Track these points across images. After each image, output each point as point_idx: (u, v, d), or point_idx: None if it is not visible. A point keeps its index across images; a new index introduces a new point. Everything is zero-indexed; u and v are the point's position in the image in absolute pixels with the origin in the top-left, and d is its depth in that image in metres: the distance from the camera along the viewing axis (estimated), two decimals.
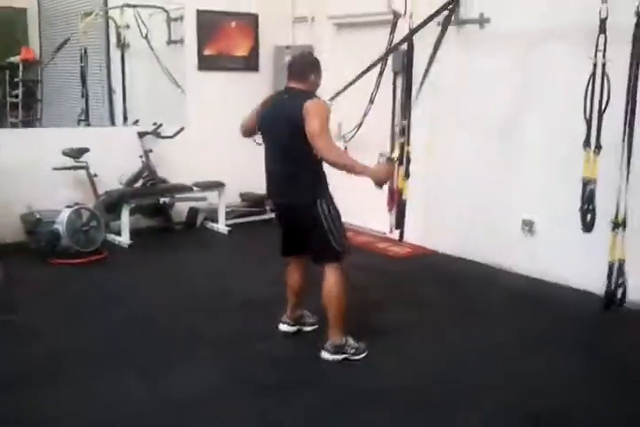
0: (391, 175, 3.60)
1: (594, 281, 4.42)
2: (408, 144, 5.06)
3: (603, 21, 3.73)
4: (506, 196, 5.04)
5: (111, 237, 5.49)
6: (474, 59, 5.12)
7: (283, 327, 3.77)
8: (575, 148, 4.07)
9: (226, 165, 6.26)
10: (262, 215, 6.55)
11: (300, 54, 3.72)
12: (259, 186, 6.56)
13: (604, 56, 3.72)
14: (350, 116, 6.13)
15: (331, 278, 3.41)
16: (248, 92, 6.51)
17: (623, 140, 3.81)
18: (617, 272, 3.97)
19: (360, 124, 5.79)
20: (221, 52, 6.38)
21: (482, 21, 4.98)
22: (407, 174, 5.09)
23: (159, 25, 6.67)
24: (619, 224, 3.91)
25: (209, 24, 6.25)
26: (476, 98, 5.14)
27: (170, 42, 6.73)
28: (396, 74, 5.62)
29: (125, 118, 6.86)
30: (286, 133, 3.30)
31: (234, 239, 5.91)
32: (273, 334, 3.75)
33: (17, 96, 7.49)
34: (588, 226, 3.94)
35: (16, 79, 7.37)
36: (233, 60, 6.47)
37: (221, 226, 6.12)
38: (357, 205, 6.28)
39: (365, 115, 5.68)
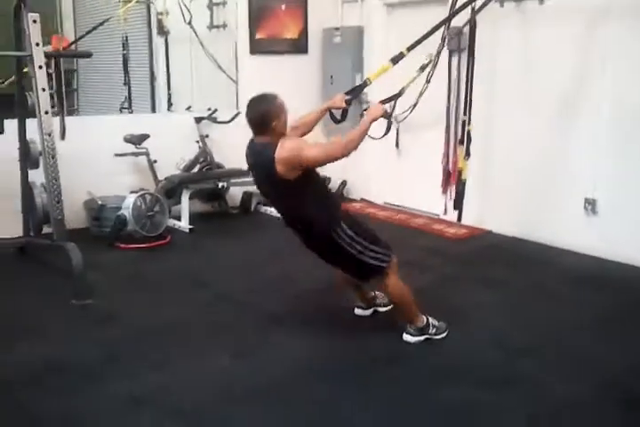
0: (382, 110, 3.59)
1: None
2: (469, 124, 5.03)
3: None
4: (567, 174, 5.00)
5: (171, 222, 5.56)
6: (533, 35, 5.06)
7: (357, 311, 3.81)
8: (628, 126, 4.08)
9: None
10: None
11: (254, 102, 3.30)
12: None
13: None
14: (403, 97, 6.12)
15: (387, 286, 3.41)
16: (297, 75, 6.60)
17: None
18: None
19: (415, 105, 5.77)
20: (272, 35, 6.38)
21: None
22: (468, 154, 5.06)
23: (199, 10, 6.66)
24: None
25: (260, 7, 6.25)
26: (535, 75, 5.08)
27: (212, 26, 6.73)
28: (451, 52, 5.58)
29: (170, 104, 6.90)
30: (272, 183, 3.26)
31: (248, 227, 5.90)
32: (352, 318, 3.79)
33: (51, 87, 7.48)
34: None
35: (49, 70, 7.36)
36: (283, 43, 6.47)
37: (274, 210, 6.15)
38: (410, 187, 6.32)
39: (421, 94, 5.66)
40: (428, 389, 3.00)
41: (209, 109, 6.11)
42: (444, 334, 3.50)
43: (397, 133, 6.26)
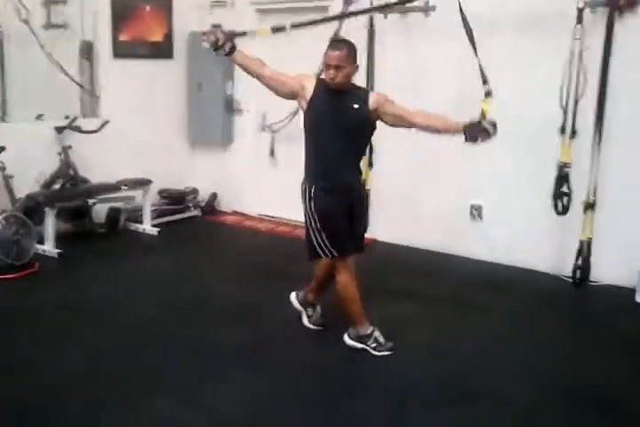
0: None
1: (543, 261, 4.70)
2: None
3: (580, 11, 3.89)
4: (453, 181, 5.12)
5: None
6: (419, 46, 5.11)
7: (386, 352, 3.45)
8: (522, 134, 4.28)
9: (140, 160, 5.81)
10: (185, 213, 6.19)
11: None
12: (177, 181, 6.25)
13: (581, 44, 3.89)
14: (275, 106, 5.95)
15: (337, 279, 3.40)
16: (162, 82, 6.17)
17: (595, 126, 4.02)
18: (586, 251, 4.19)
19: (294, 114, 5.62)
20: (136, 37, 5.87)
21: (427, 9, 4.99)
22: (371, 164, 5.00)
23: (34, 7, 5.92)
24: (589, 205, 4.12)
25: (123, 7, 5.72)
26: (421, 86, 5.14)
27: (49, 26, 6.05)
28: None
29: (4, 114, 6.07)
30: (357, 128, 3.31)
31: (167, 241, 5.49)
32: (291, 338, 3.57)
33: None
34: (564, 209, 4.12)
35: None
36: (147, 47, 5.99)
37: (148, 227, 5.67)
38: (288, 197, 6.04)
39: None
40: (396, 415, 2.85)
41: (67, 117, 5.47)
42: (384, 353, 3.38)
43: (272, 143, 6.07)
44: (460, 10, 3.43)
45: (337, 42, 3.30)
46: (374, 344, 3.38)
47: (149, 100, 6.02)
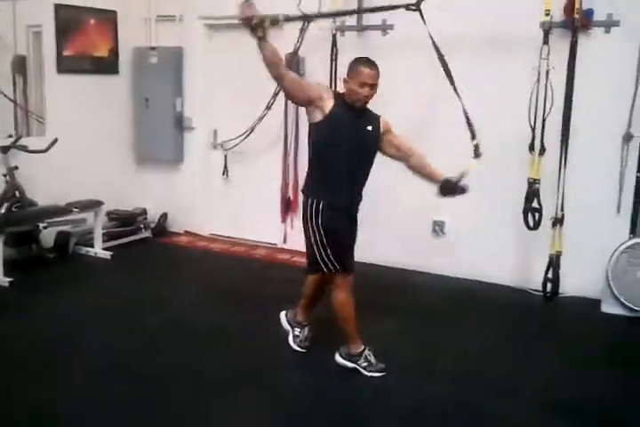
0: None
1: (507, 276, 4.81)
2: None
3: (546, 32, 4.02)
4: (415, 198, 5.14)
5: None
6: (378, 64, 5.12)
7: (377, 373, 3.37)
8: (489, 151, 4.38)
9: (86, 180, 5.57)
10: (136, 235, 5.94)
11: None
12: (125, 201, 6.00)
13: (547, 64, 4.01)
14: (227, 124, 5.86)
15: (332, 295, 3.37)
16: (108, 97, 5.93)
17: (561, 143, 4.15)
18: (556, 264, 4.30)
19: (252, 130, 5.54)
20: (81, 52, 5.60)
21: (385, 28, 5.03)
22: None
23: None
24: (558, 220, 4.24)
25: (67, 19, 5.44)
26: (378, 104, 5.15)
27: None
28: None
29: None
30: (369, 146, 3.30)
31: (122, 265, 5.24)
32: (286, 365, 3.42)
33: None
34: (535, 224, 4.22)
35: None
36: (93, 62, 5.73)
37: (100, 250, 5.40)
38: (242, 217, 6.02)
39: (261, 119, 5.45)
40: None
41: (10, 136, 5.15)
42: (375, 374, 3.33)
43: (225, 162, 5.93)
44: (437, 50, 3.58)
45: (368, 60, 3.22)
46: (365, 364, 3.34)
47: (95, 117, 5.77)
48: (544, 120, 4.16)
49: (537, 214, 4.22)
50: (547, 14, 4.11)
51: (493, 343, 3.84)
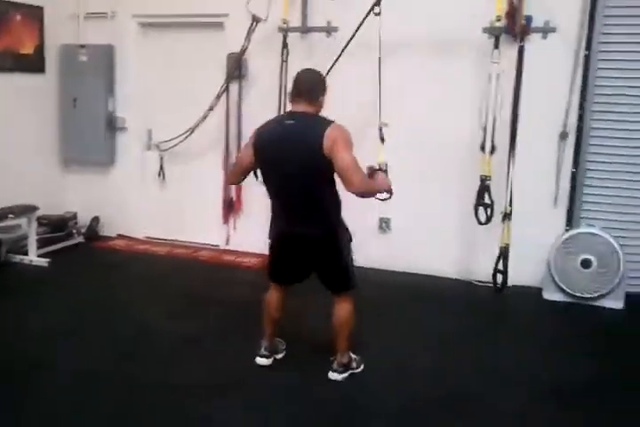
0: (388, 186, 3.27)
1: (452, 269, 5.03)
2: None
3: (497, 38, 4.26)
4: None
5: None
6: (319, 66, 5.16)
7: (261, 361, 3.43)
8: (422, 150, 4.71)
9: (8, 184, 5.28)
10: (69, 240, 5.67)
11: (308, 70, 3.21)
12: (51, 206, 5.70)
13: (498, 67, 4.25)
14: (162, 124, 5.73)
15: (346, 307, 3.27)
16: (34, 97, 5.63)
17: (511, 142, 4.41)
18: (505, 257, 4.55)
19: (192, 131, 5.44)
20: (4, 49, 5.27)
21: (329, 30, 5.10)
22: None
23: None
24: (507, 215, 4.49)
25: None
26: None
27: None
28: (228, 78, 5.39)
29: None
30: (303, 166, 2.99)
31: (63, 272, 4.98)
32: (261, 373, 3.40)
33: None
34: (486, 219, 4.44)
35: None
36: (17, 60, 5.41)
37: (35, 258, 5.12)
38: (180, 218, 5.92)
39: (204, 119, 5.37)
40: None
41: None
42: (361, 367, 3.41)
43: (161, 163, 5.79)
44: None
45: None
46: (354, 364, 3.39)
47: (18, 117, 5.46)
48: (494, 121, 4.39)
49: (489, 209, 4.44)
50: (498, 20, 4.33)
51: (453, 335, 3.99)
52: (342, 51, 4.61)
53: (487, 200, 4.45)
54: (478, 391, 3.27)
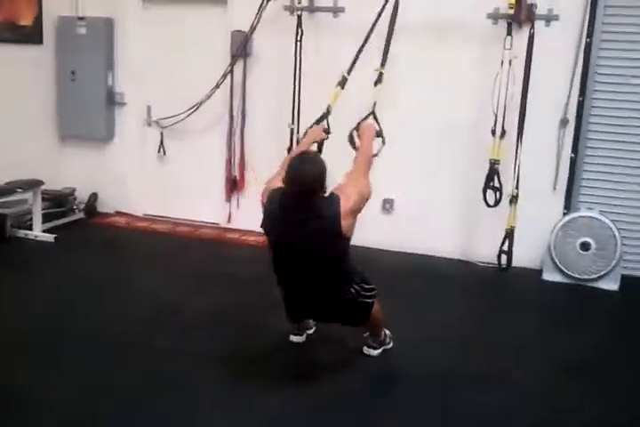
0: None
1: (455, 249, 5.17)
2: (298, 132, 4.97)
3: (510, 24, 4.36)
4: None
5: None
6: (325, 46, 5.18)
7: (295, 338, 3.54)
8: (428, 134, 4.85)
9: (5, 159, 5.21)
10: (71, 216, 5.64)
11: (306, 162, 2.95)
12: (53, 182, 5.63)
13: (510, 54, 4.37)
14: (163, 99, 5.68)
15: (374, 308, 3.29)
16: (32, 69, 5.55)
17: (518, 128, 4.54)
18: (510, 238, 4.71)
19: (197, 107, 5.42)
20: (3, 21, 5.16)
21: (336, 10, 5.10)
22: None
23: None
24: (514, 197, 4.64)
25: None
26: (326, 83, 5.19)
27: None
28: (233, 56, 5.37)
29: None
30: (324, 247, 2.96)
31: (71, 248, 4.98)
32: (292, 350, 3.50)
33: None
34: (495, 202, 4.58)
35: None
36: (16, 31, 5.30)
37: (41, 233, 5.09)
38: (180, 196, 5.91)
39: (209, 98, 5.36)
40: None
41: None
42: (392, 342, 3.52)
43: (162, 140, 5.76)
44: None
45: None
46: (387, 339, 3.50)
47: (17, 89, 5.36)
48: (505, 106, 4.51)
49: (498, 193, 4.57)
50: (510, 7, 4.42)
51: (464, 312, 4.15)
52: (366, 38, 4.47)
53: (496, 184, 4.58)
54: (497, 363, 3.44)
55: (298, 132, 5.00)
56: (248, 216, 5.64)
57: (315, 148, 3.60)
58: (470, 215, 5.09)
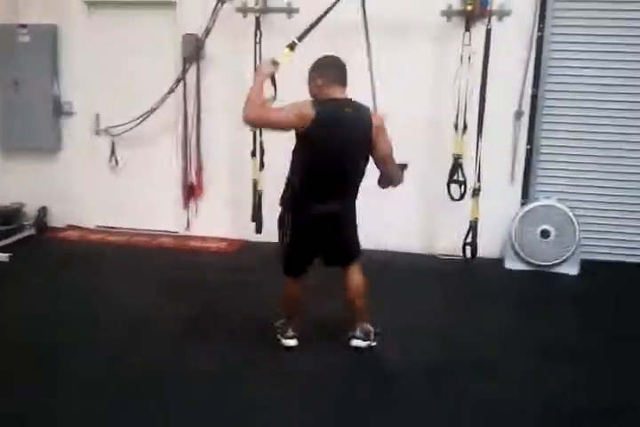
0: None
1: (415, 243, 5.23)
2: (261, 135, 4.91)
3: (467, 21, 4.46)
4: None
5: None
6: (279, 47, 5.14)
7: (290, 342, 3.47)
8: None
9: None
10: (22, 232, 5.40)
11: (334, 56, 3.29)
12: (2, 195, 5.38)
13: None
14: (112, 107, 5.53)
15: (360, 275, 3.44)
16: None
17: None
18: (474, 230, 4.80)
19: (150, 113, 5.30)
20: None
21: (290, 11, 5.09)
22: (262, 165, 4.95)
23: None
24: (476, 190, 4.73)
25: None
26: (284, 87, 5.20)
27: None
28: (185, 60, 5.27)
29: None
30: (358, 148, 3.19)
31: (30, 266, 4.75)
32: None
33: None
34: (460, 195, 4.66)
35: None
36: None
37: None
38: (134, 205, 5.75)
39: (163, 101, 5.25)
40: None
41: None
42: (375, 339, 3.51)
43: (113, 148, 5.60)
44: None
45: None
46: (373, 335, 3.48)
47: None
48: (465, 101, 4.60)
49: (462, 187, 4.66)
50: (469, 4, 4.52)
51: (435, 304, 4.21)
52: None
53: (460, 177, 4.66)
54: (481, 353, 3.50)
55: (261, 135, 4.94)
56: (208, 222, 5.58)
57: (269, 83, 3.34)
58: (430, 210, 5.19)
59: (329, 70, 3.19)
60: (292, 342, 3.47)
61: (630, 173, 5.00)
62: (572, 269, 4.91)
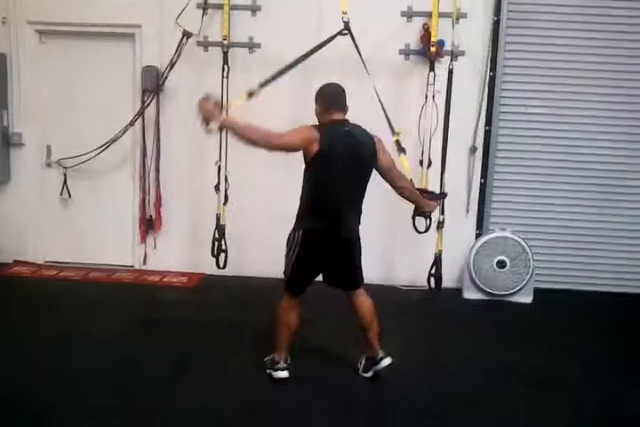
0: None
1: (374, 275, 5.22)
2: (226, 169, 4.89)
3: (432, 62, 4.63)
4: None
5: None
6: (241, 81, 5.13)
7: (282, 374, 3.48)
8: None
9: None
10: None
11: (334, 84, 3.52)
12: None
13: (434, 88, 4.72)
14: (64, 139, 5.38)
15: (369, 299, 3.61)
16: None
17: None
18: (439, 262, 4.95)
19: (106, 147, 5.18)
20: None
21: (252, 46, 5.14)
22: (226, 198, 4.91)
23: None
24: (440, 223, 4.89)
25: None
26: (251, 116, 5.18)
27: None
28: (144, 92, 5.21)
29: None
30: (364, 171, 3.41)
31: None
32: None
33: None
34: (425, 228, 4.79)
35: None
36: None
37: None
38: (87, 240, 5.61)
39: (123, 133, 5.17)
40: None
41: None
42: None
43: (65, 181, 5.42)
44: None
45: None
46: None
47: None
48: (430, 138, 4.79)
49: (428, 220, 4.78)
50: (432, 46, 4.70)
51: (401, 335, 4.17)
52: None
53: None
54: (464, 383, 3.61)
55: (225, 169, 4.93)
56: (166, 256, 5.47)
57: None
58: (389, 242, 5.28)
59: (328, 97, 3.43)
60: (284, 374, 3.47)
61: (581, 206, 5.29)
62: (526, 298, 5.13)
